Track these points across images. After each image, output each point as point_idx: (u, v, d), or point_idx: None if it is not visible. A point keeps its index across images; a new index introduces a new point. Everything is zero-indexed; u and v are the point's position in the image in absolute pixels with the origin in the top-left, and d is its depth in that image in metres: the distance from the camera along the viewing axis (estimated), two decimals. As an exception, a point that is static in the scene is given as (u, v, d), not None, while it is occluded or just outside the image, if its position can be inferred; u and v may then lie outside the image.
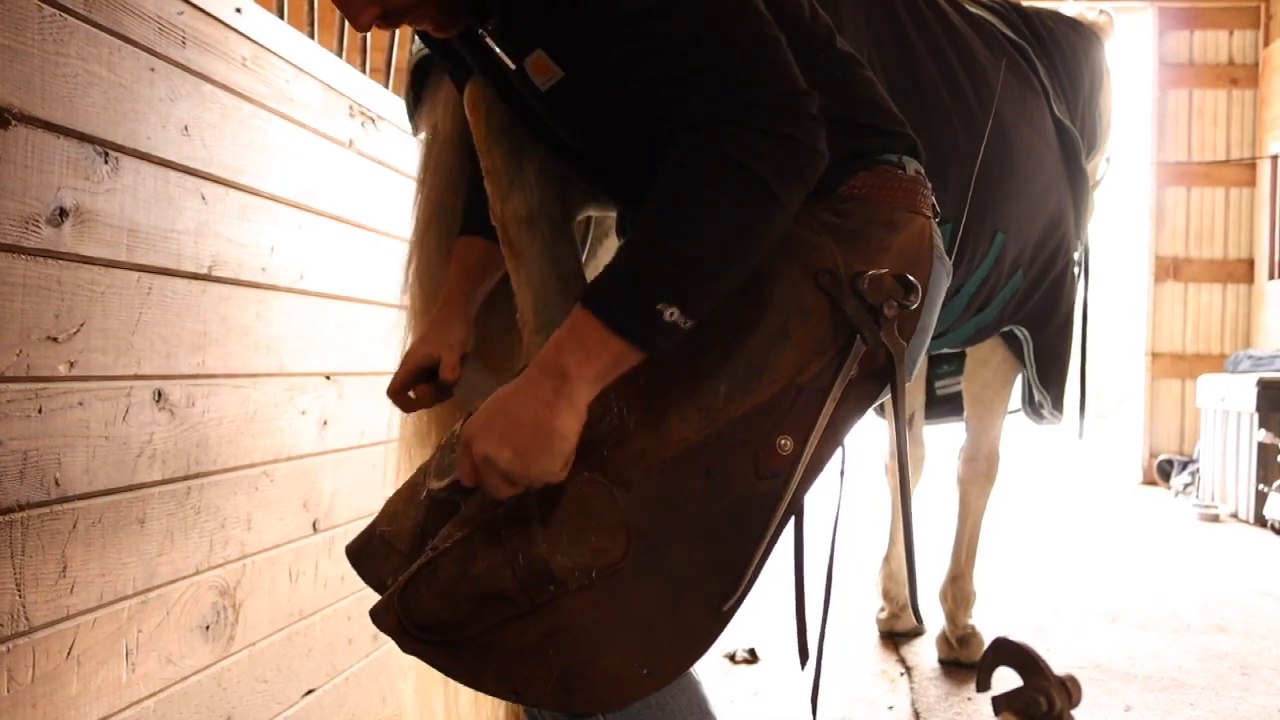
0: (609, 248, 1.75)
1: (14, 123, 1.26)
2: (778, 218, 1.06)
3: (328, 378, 2.03)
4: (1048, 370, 2.59)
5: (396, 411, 1.57)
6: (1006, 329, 2.52)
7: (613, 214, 1.68)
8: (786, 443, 1.15)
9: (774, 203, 1.05)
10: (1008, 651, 0.74)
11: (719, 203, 1.03)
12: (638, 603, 1.13)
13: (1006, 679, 1.11)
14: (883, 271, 1.17)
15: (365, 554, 1.38)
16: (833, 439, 1.19)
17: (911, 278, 1.19)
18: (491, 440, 1.07)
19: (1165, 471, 6.93)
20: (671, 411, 1.14)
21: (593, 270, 1.63)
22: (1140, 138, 7.20)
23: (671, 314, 1.03)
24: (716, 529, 1.15)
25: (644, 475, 1.13)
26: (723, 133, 1.04)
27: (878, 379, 1.20)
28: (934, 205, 1.30)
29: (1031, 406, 2.70)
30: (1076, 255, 2.74)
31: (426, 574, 1.15)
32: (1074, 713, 0.88)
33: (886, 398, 1.23)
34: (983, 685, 0.75)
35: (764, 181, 1.03)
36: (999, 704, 0.72)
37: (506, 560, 1.11)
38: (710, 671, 2.68)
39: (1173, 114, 7.23)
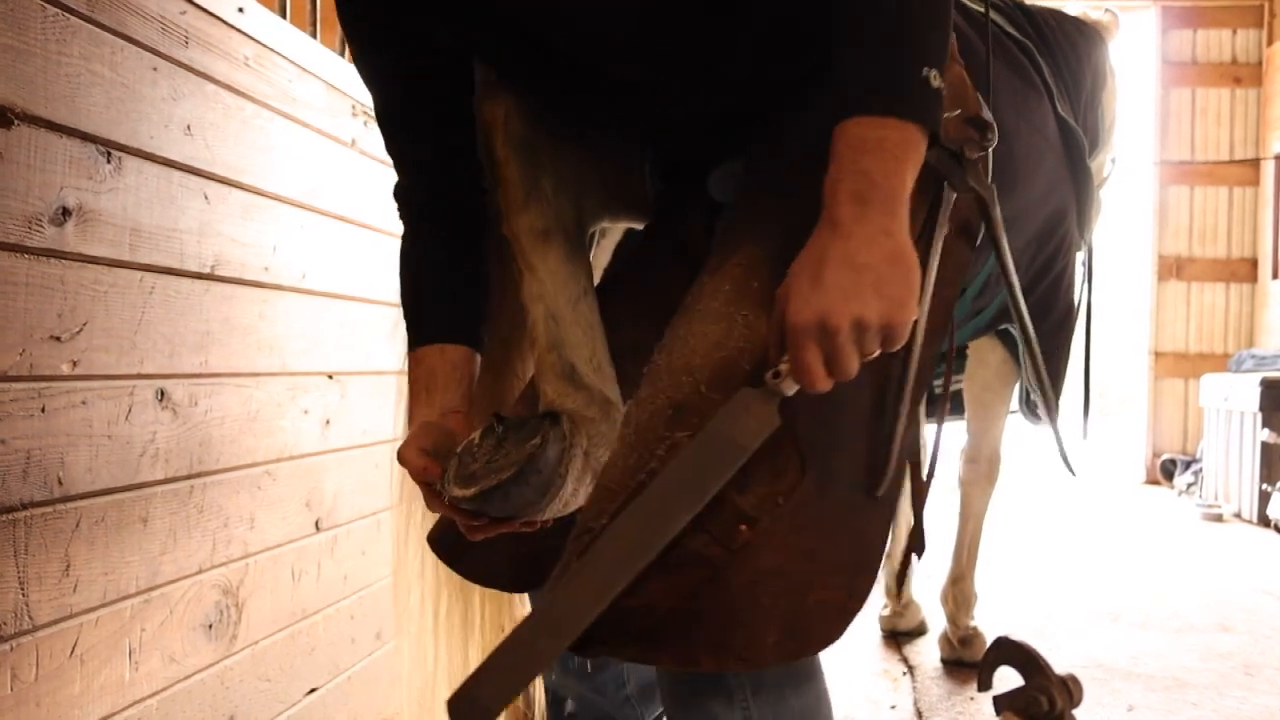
0: (606, 248, 1.74)
1: (16, 122, 1.26)
2: None
3: (330, 377, 2.03)
4: (1045, 368, 2.58)
5: (400, 411, 1.56)
6: (1002, 327, 2.51)
7: (622, 225, 1.66)
8: None
9: None
10: (1009, 651, 0.74)
11: None
12: (823, 521, 1.06)
13: (1008, 678, 1.10)
14: (954, 114, 1.12)
15: (460, 549, 1.31)
16: (941, 307, 1.13)
17: (984, 115, 1.14)
18: (858, 300, 0.94)
19: (1168, 471, 6.92)
20: None
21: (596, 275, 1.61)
22: (1143, 137, 7.20)
23: (935, 77, 0.96)
24: (863, 418, 1.09)
25: None
26: None
27: (967, 235, 1.15)
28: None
29: (1028, 406, 2.70)
30: (1080, 255, 2.73)
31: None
32: (1076, 712, 0.88)
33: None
34: (984, 684, 0.75)
35: None
36: (1000, 703, 0.72)
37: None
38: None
39: (1175, 113, 7.22)
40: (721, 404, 1.03)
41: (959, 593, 2.80)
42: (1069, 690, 0.69)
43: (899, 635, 3.09)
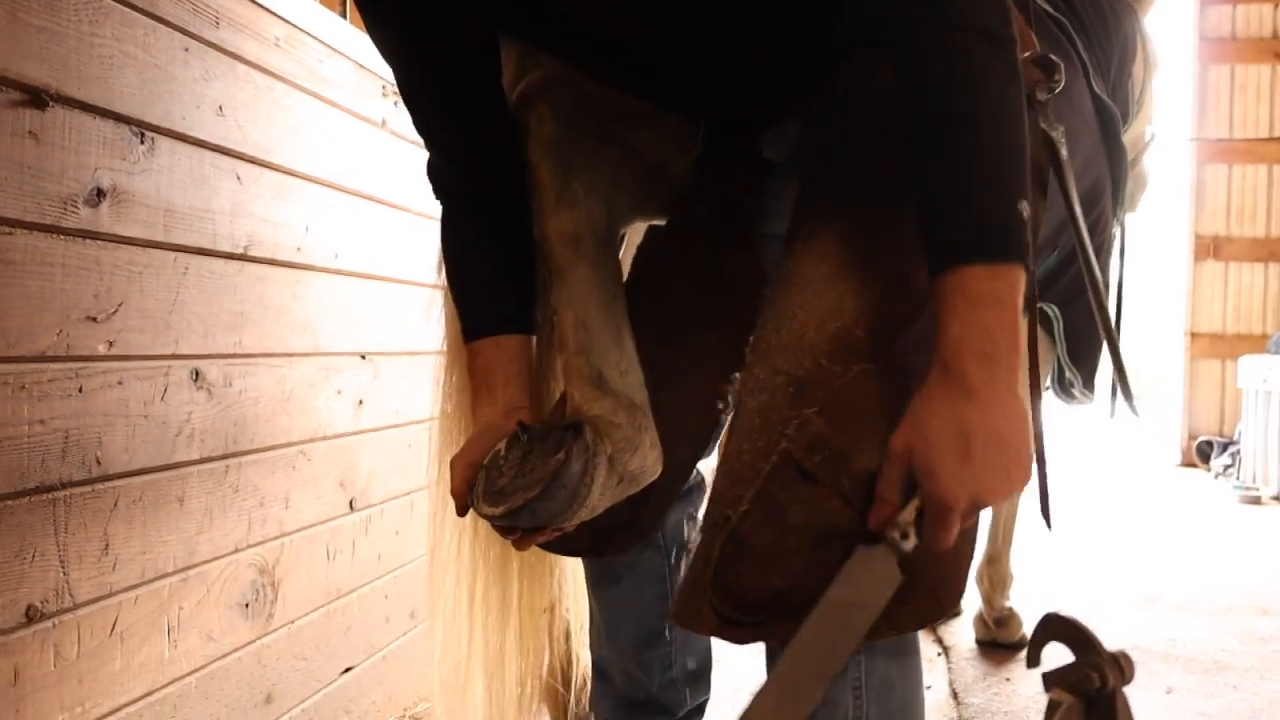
0: (634, 244, 1.73)
1: (51, 104, 1.27)
2: (1020, 70, 1.01)
3: (363, 357, 2.04)
4: (1078, 348, 2.55)
5: (435, 391, 1.56)
6: (1039, 306, 2.48)
7: (652, 221, 1.65)
8: None
9: (1016, 54, 1.00)
10: (1059, 627, 0.73)
11: (991, 84, 0.98)
12: None
13: (1056, 656, 1.13)
14: (1023, 55, 1.10)
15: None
16: None
17: (1052, 56, 1.14)
18: (1007, 480, 0.96)
19: (1205, 453, 6.84)
20: (907, 266, 1.06)
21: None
22: (1180, 115, 7.09)
23: (1025, 209, 0.98)
24: None
25: (911, 343, 1.06)
26: (957, 12, 0.99)
27: (1038, 180, 1.13)
28: None
29: (1061, 385, 2.66)
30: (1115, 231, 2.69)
31: (733, 550, 1.05)
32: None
33: None
34: (1033, 661, 0.74)
35: (1006, 40, 0.99)
36: (1049, 680, 0.71)
37: (831, 492, 1.02)
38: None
39: (1214, 89, 7.10)
40: (842, 377, 1.03)
41: (995, 573, 2.78)
42: (1120, 667, 0.67)
43: (933, 617, 3.07)
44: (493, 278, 1.34)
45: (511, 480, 1.23)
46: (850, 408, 1.05)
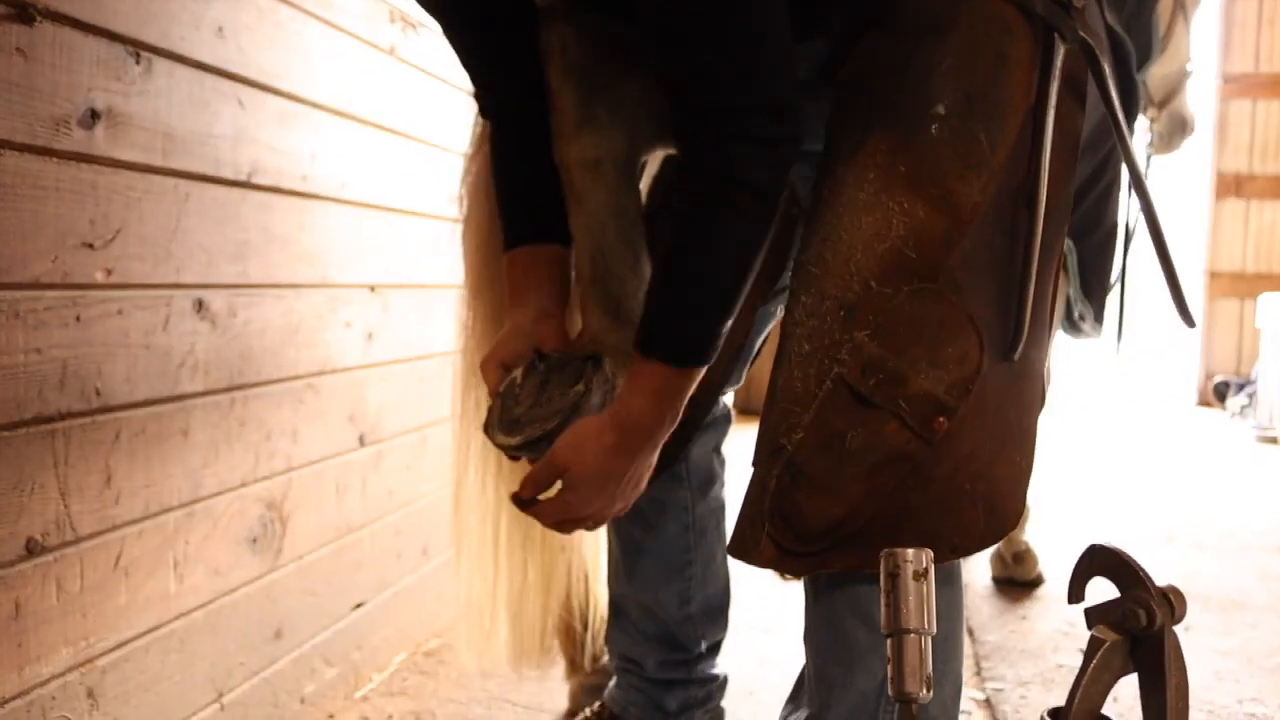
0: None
1: (40, 19, 1.21)
2: (774, 220, 1.12)
3: (372, 290, 1.99)
4: (1090, 281, 2.52)
5: (444, 325, 1.53)
6: None
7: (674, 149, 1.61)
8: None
9: (776, 208, 1.11)
10: (1103, 560, 0.69)
11: (737, 230, 1.11)
12: (995, 394, 1.08)
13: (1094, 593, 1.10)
14: None
15: None
16: (1062, 162, 1.13)
17: None
18: (594, 500, 1.17)
19: (1221, 393, 6.78)
20: (951, 182, 1.07)
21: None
22: (1205, 49, 6.92)
23: (727, 329, 1.13)
24: (1009, 283, 1.10)
25: (959, 260, 1.06)
26: (725, 150, 1.08)
27: (1075, 91, 1.16)
28: None
29: (1070, 320, 2.62)
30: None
31: (790, 479, 1.07)
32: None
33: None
34: (1075, 596, 0.70)
35: (768, 196, 1.10)
36: (1092, 617, 0.67)
37: (888, 415, 1.04)
38: (762, 585, 2.65)
39: (1240, 22, 6.93)
40: (893, 299, 1.05)
41: (1012, 509, 2.75)
42: (1170, 603, 0.64)
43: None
44: (530, 191, 1.34)
45: (528, 410, 1.21)
46: (903, 329, 1.04)
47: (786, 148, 1.09)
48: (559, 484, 1.19)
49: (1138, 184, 1.24)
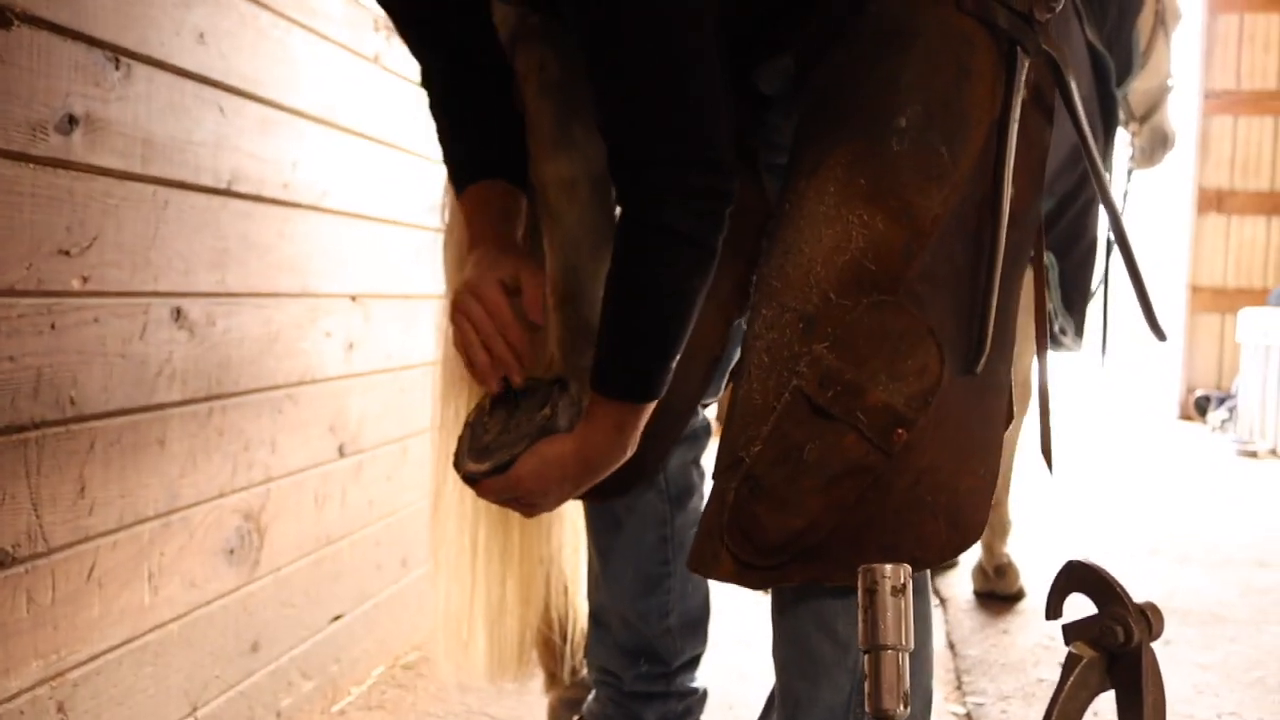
0: None
1: (16, 23, 1.20)
2: (713, 266, 1.14)
3: (353, 299, 1.98)
4: (1071, 295, 2.53)
5: (426, 335, 1.52)
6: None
7: None
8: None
9: (712, 257, 1.13)
10: (1081, 575, 0.68)
11: (671, 280, 1.13)
12: (956, 408, 1.07)
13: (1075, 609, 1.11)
14: None
15: None
16: (1027, 174, 1.13)
17: None
18: (550, 500, 1.22)
19: (1202, 407, 6.82)
20: (910, 195, 1.06)
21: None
22: (1187, 65, 6.98)
23: (674, 364, 1.15)
24: (972, 296, 1.09)
25: (919, 273, 1.06)
26: (661, 201, 1.09)
27: (1040, 104, 1.16)
28: None
29: (1051, 335, 2.63)
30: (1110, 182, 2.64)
31: (749, 492, 1.06)
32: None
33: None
34: (1053, 612, 0.69)
35: (705, 244, 1.12)
36: (1070, 633, 0.67)
37: (846, 427, 1.03)
38: (744, 600, 2.64)
39: (1222, 39, 6.99)
40: (852, 311, 1.05)
41: (995, 519, 2.74)
42: (1148, 620, 0.63)
43: (932, 569, 3.05)
44: (478, 131, 1.34)
45: (496, 437, 1.22)
46: (862, 341, 1.04)
47: (721, 199, 1.11)
48: None
49: (1105, 197, 1.25)
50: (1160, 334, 1.23)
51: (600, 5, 1.05)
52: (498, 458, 1.18)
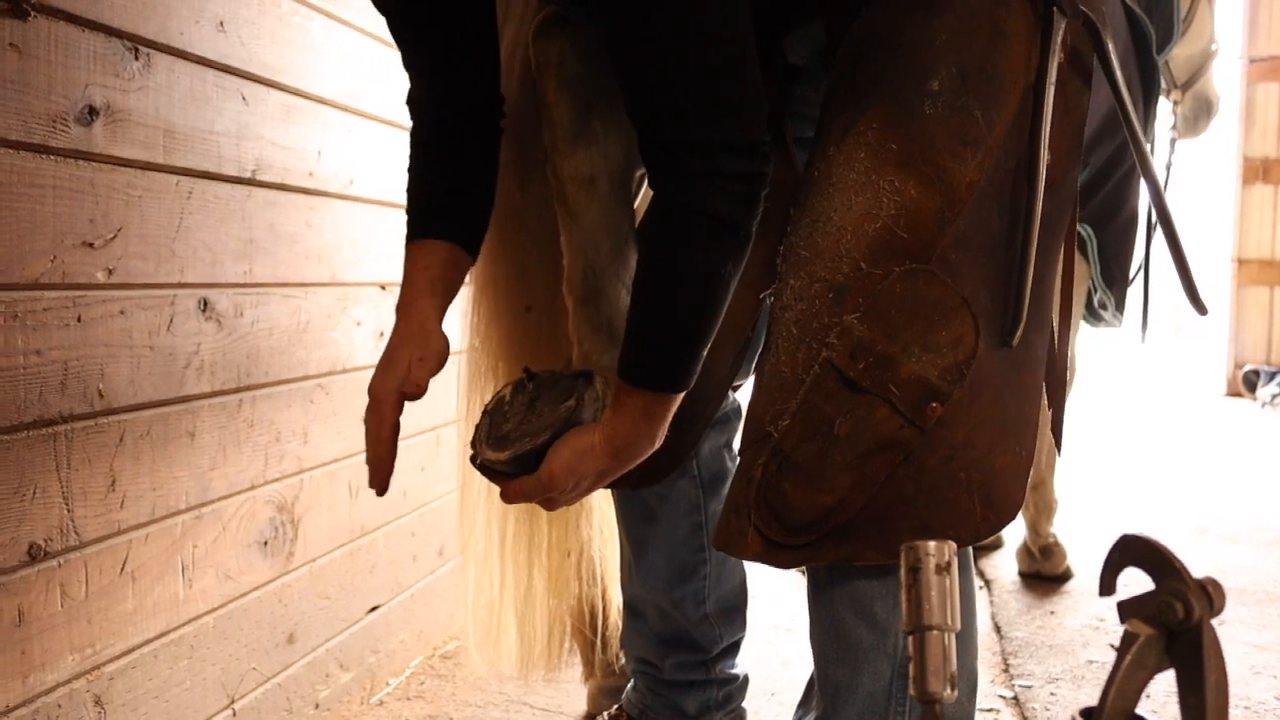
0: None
1: (34, 14, 1.19)
2: (747, 250, 1.09)
3: (383, 288, 1.96)
4: (1111, 268, 2.46)
5: (454, 323, 1.50)
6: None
7: None
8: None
9: (748, 241, 1.08)
10: (1137, 550, 0.65)
11: (706, 262, 1.07)
12: (992, 382, 1.04)
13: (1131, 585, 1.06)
14: None
15: None
16: (1065, 139, 1.10)
17: None
18: (577, 493, 1.17)
19: (1251, 382, 6.69)
20: (944, 160, 1.03)
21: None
22: (1230, 31, 6.82)
23: (704, 355, 1.10)
24: (1007, 266, 1.06)
25: (953, 241, 1.02)
26: (695, 185, 1.05)
27: (1078, 67, 1.12)
28: None
29: (1091, 309, 2.57)
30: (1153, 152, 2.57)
31: (776, 468, 1.03)
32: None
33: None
34: (1107, 588, 0.66)
35: (740, 229, 1.06)
36: (1125, 610, 0.63)
37: (878, 400, 1.00)
38: (785, 585, 2.61)
39: (1267, 3, 6.82)
40: (883, 280, 1.01)
41: (1040, 499, 2.69)
42: (1208, 595, 0.60)
43: (975, 548, 3.00)
44: (441, 184, 1.30)
45: (517, 426, 1.18)
46: (894, 311, 1.01)
47: (756, 181, 1.07)
48: None
49: (1144, 166, 1.20)
50: (1201, 308, 1.18)
51: None
52: (517, 447, 1.15)
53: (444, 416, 2.20)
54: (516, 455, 1.15)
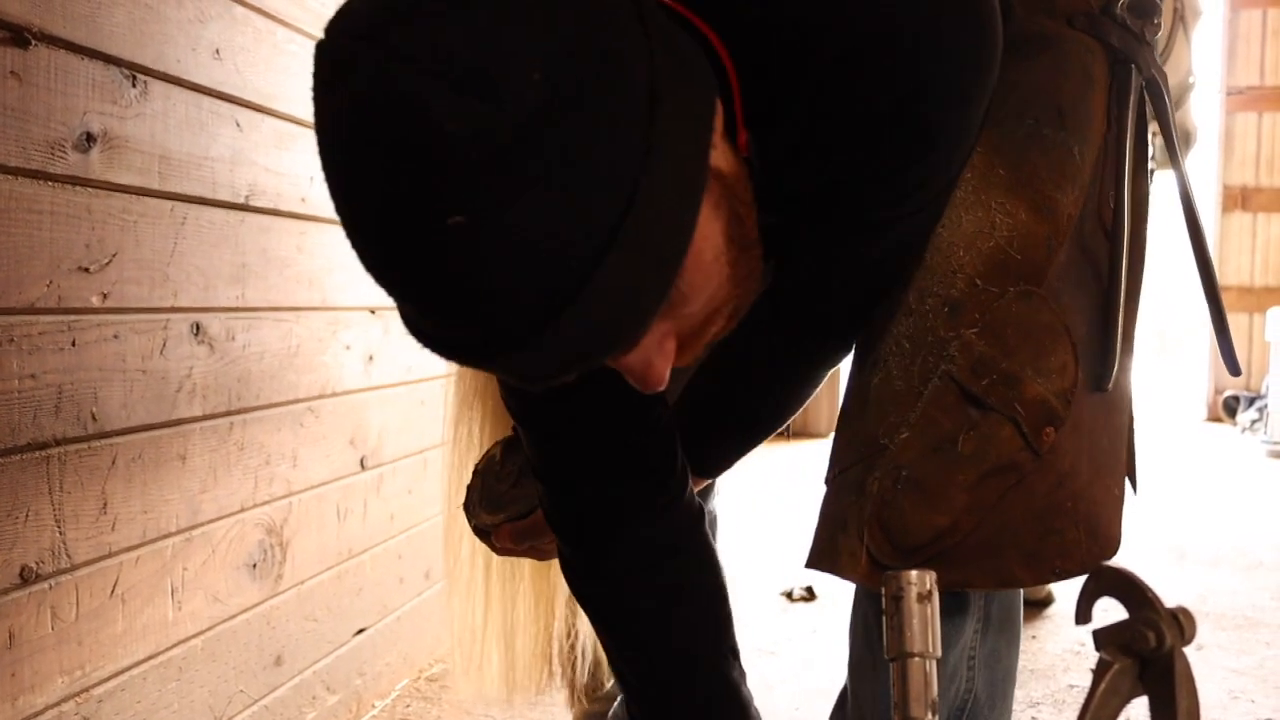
0: None
1: (34, 43, 1.20)
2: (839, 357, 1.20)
3: (373, 312, 1.98)
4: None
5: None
6: None
7: None
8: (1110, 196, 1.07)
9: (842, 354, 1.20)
10: (1111, 580, 0.67)
11: (823, 371, 1.18)
12: (1088, 415, 1.02)
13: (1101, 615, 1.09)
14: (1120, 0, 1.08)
15: None
16: (1141, 186, 1.10)
17: None
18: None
19: (1231, 408, 6.74)
20: (1049, 189, 1.01)
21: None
22: (1209, 61, 6.92)
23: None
24: (1094, 305, 1.04)
25: (1059, 269, 1.00)
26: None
27: (1136, 125, 1.11)
28: None
29: None
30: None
31: (892, 483, 0.98)
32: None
33: None
34: (1082, 617, 0.68)
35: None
36: (1100, 638, 0.65)
37: (1004, 419, 0.96)
38: (768, 608, 2.63)
39: (1244, 36, 6.92)
40: (1000, 299, 0.98)
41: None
42: (1180, 625, 0.62)
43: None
44: None
45: (510, 489, 1.18)
46: (1010, 330, 0.98)
47: None
48: None
49: (1191, 221, 1.17)
50: (1235, 368, 1.19)
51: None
52: (511, 509, 1.15)
53: (432, 439, 2.22)
54: (511, 519, 1.15)
